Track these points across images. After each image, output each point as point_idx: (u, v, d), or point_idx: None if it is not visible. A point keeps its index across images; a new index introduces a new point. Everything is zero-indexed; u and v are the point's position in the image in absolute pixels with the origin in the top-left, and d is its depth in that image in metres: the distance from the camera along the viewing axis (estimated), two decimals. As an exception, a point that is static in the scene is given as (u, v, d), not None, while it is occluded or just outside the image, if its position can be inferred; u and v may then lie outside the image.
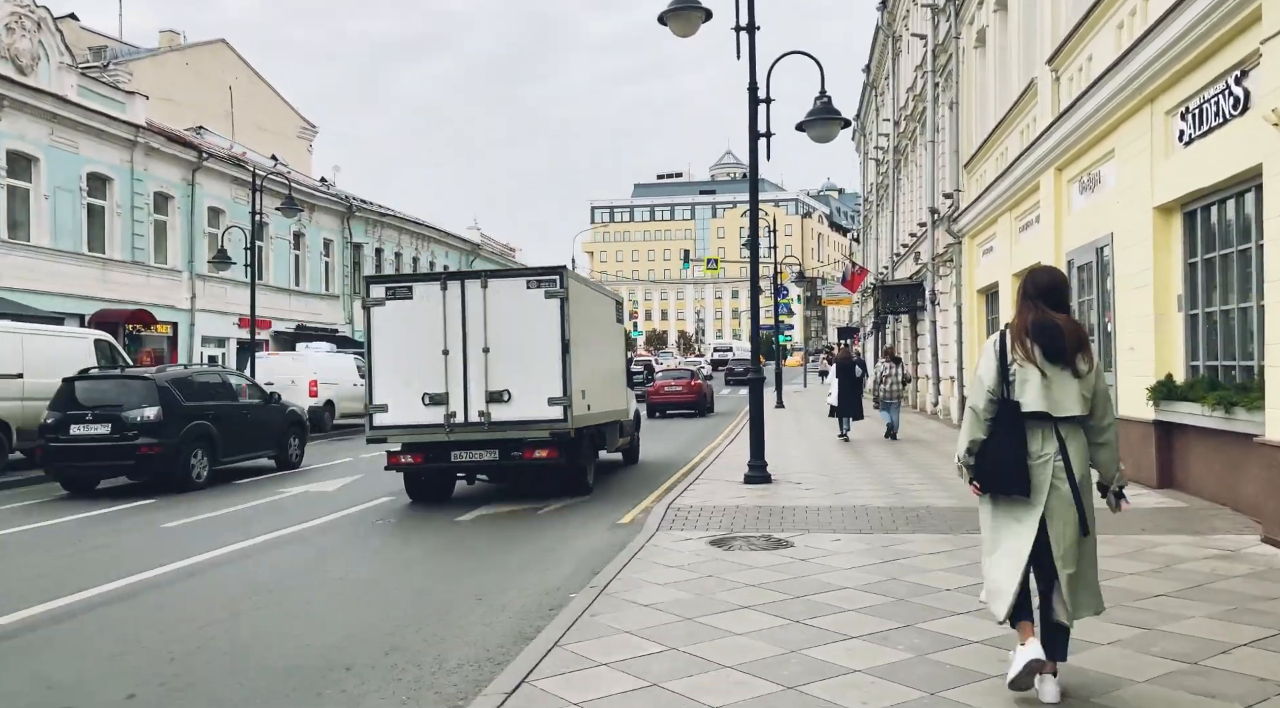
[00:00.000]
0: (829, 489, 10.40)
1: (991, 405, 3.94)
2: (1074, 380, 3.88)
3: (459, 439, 10.34)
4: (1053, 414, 3.88)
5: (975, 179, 19.04)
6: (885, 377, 17.66)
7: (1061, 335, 3.88)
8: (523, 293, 10.39)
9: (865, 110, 44.35)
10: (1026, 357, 3.89)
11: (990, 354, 3.99)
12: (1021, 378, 3.90)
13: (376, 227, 40.72)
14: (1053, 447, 3.89)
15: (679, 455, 15.91)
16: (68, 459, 12.59)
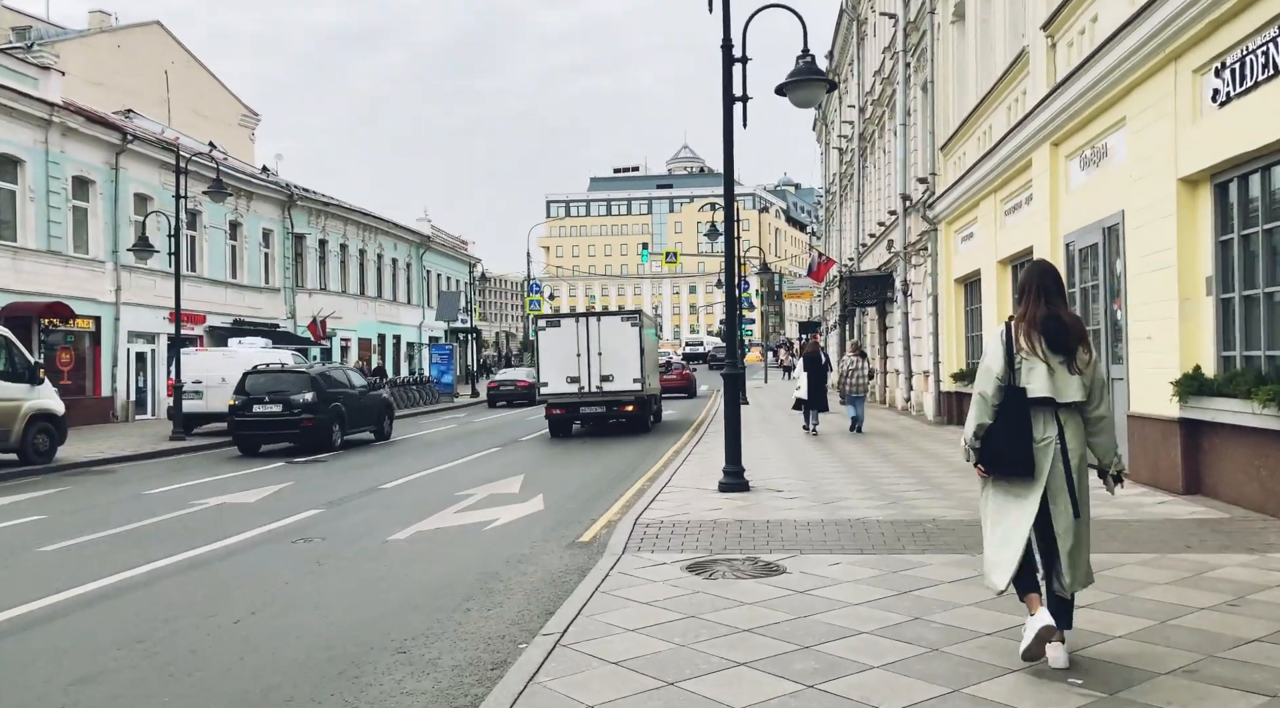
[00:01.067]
0: (816, 498, 9.22)
1: (1000, 392, 4.22)
2: (1074, 370, 4.19)
3: (584, 401, 19.39)
4: (1057, 400, 4.16)
5: (953, 162, 18.05)
6: (851, 370, 17.60)
7: (1066, 329, 4.19)
8: (618, 323, 19.60)
9: (827, 99, 43.44)
10: (1032, 349, 4.17)
11: (998, 344, 4.26)
12: (1027, 367, 4.18)
13: (320, 217, 38.88)
14: (1054, 431, 4.18)
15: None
16: (251, 430, 17.92)
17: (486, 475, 13.05)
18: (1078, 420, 4.25)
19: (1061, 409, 4.20)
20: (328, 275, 39.74)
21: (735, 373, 9.86)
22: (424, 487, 12.19)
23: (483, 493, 11.23)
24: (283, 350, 24.08)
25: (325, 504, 10.76)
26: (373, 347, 43.60)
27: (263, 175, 35.38)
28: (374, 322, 43.68)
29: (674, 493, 9.84)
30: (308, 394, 17.65)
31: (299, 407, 17.51)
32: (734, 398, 9.81)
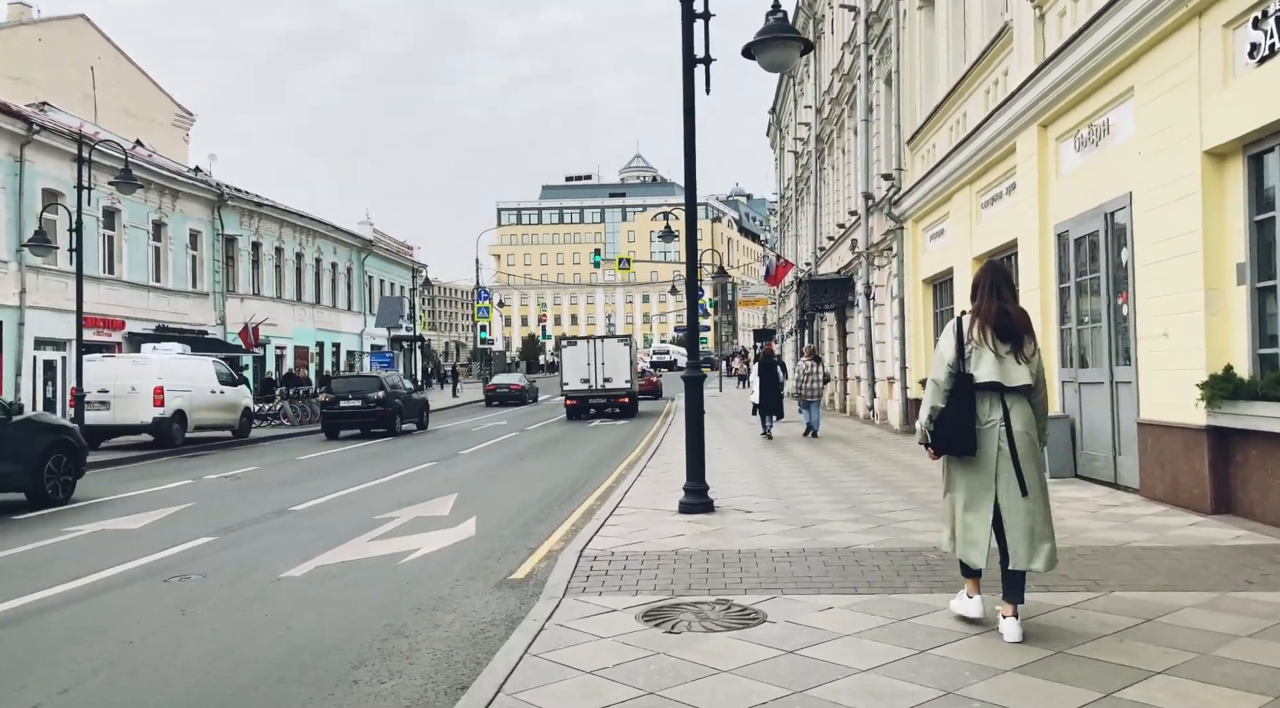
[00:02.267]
0: (791, 520, 7.96)
1: (951, 378, 4.59)
2: (1021, 358, 4.56)
3: (593, 394, 28.71)
4: (1005, 385, 4.53)
5: (920, 156, 17.05)
6: (806, 375, 17.80)
7: (1013, 321, 4.57)
8: (616, 343, 29.69)
9: (781, 103, 42.64)
10: (983, 339, 4.54)
11: (950, 335, 4.65)
12: (976, 356, 4.56)
13: (253, 218, 36.89)
14: (998, 414, 4.54)
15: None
16: (338, 420, 23.53)
17: (413, 495, 11.59)
18: (1024, 404, 4.57)
19: (1008, 394, 4.54)
20: (261, 280, 37.74)
21: (696, 375, 8.57)
22: (339, 509, 10.70)
23: (407, 516, 9.78)
24: (203, 358, 22.24)
25: (220, 530, 9.23)
26: (310, 355, 41.60)
27: (189, 172, 33.34)
28: (311, 329, 41.69)
29: (628, 515, 8.50)
30: (379, 393, 23.33)
31: (372, 402, 23.18)
32: (696, 404, 8.52)
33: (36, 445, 11.27)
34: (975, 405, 4.54)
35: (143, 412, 19.06)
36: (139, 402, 19.03)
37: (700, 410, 8.51)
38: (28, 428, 11.33)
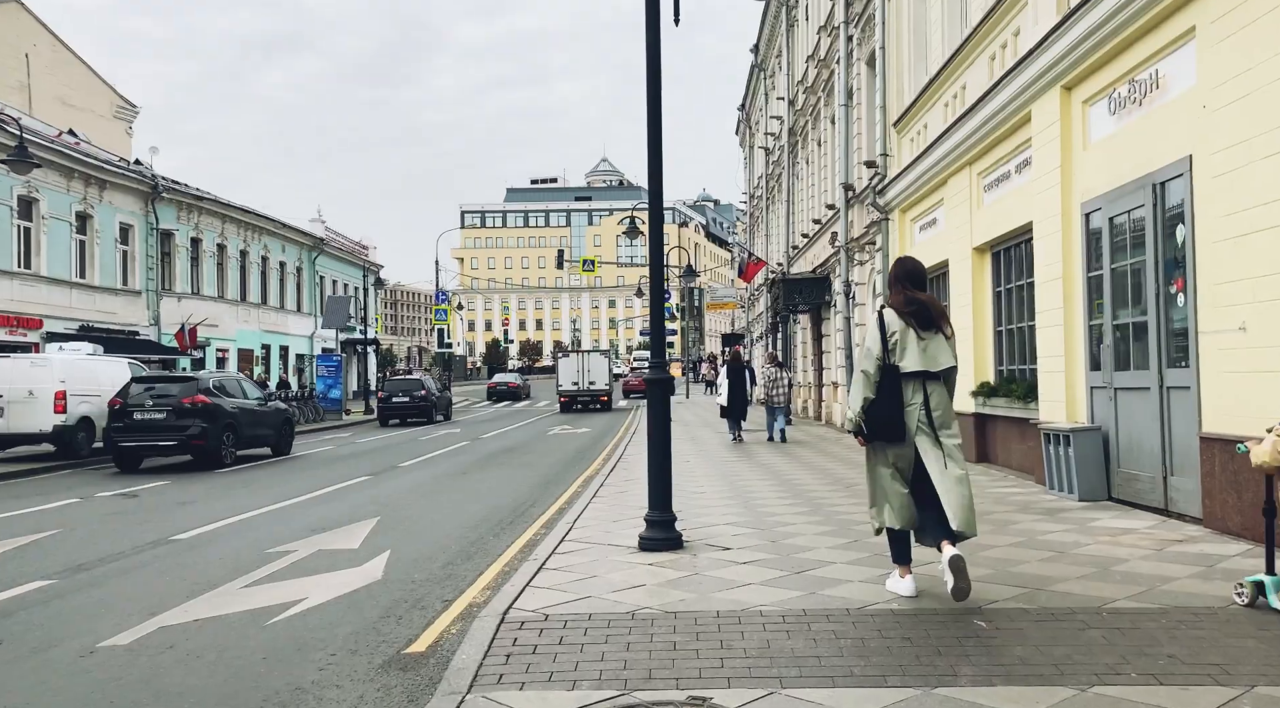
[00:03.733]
0: (778, 559, 6.29)
1: (879, 370, 4.89)
2: (944, 342, 4.87)
3: (580, 393, 37.26)
4: (930, 371, 4.84)
5: (909, 139, 15.54)
6: (772, 382, 17.82)
7: (928, 308, 4.92)
8: (598, 356, 38.66)
9: (751, 98, 41.24)
10: (907, 327, 4.82)
11: (875, 330, 4.92)
12: (901, 346, 4.83)
13: (193, 212, 34.67)
14: (920, 398, 4.86)
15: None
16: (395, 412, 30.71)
17: (328, 519, 9.78)
18: (941, 387, 4.94)
19: (929, 379, 4.87)
20: (201, 278, 35.51)
21: (662, 377, 6.86)
22: (232, 537, 8.86)
23: (306, 549, 7.97)
24: (117, 360, 20.14)
25: (67, 570, 7.37)
26: (255, 358, 39.38)
27: (121, 163, 31.08)
28: (256, 331, 39.48)
29: (575, 552, 6.78)
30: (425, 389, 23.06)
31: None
32: (662, 413, 6.80)
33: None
34: (902, 393, 4.85)
35: (42, 419, 16.99)
36: (38, 408, 16.96)
37: (666, 422, 6.81)
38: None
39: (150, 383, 16.91)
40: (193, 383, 16.67)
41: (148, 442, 15.89)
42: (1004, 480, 10.60)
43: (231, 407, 16.97)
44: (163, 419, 15.84)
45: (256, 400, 18.53)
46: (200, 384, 16.64)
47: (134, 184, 30.89)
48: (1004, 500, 8.92)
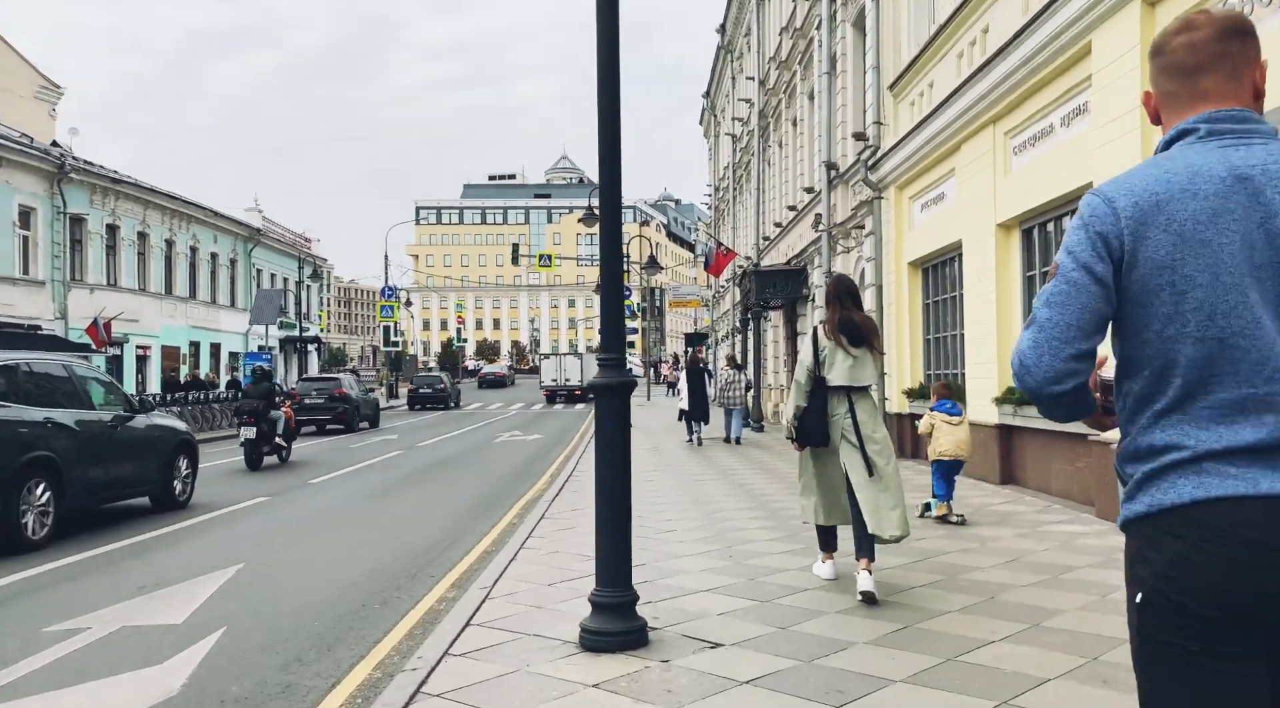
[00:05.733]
0: (801, 668, 4.01)
1: (810, 380, 5.33)
2: (870, 359, 5.31)
3: (560, 388, 46.24)
4: (854, 385, 5.26)
5: (908, 104, 13.41)
6: (729, 383, 17.85)
7: (858, 327, 5.28)
8: (574, 357, 50.09)
9: (717, 84, 39.11)
10: (837, 344, 5.23)
11: (809, 345, 5.36)
12: (830, 360, 5.25)
13: (109, 197, 31.64)
14: (844, 408, 5.26)
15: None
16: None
17: (175, 568, 7.31)
18: (867, 399, 5.33)
19: (854, 392, 5.26)
20: (119, 269, 32.49)
21: (619, 382, 4.51)
22: (25, 601, 6.37)
23: (110, 625, 5.51)
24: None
25: None
26: (182, 356, 36.39)
27: (19, 139, 27.99)
28: (184, 326, 36.48)
29: (482, 653, 4.44)
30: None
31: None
32: (615, 440, 4.47)
33: None
34: (828, 402, 5.29)
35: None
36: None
37: (624, 450, 4.47)
38: None
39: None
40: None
41: None
42: (1048, 510, 8.46)
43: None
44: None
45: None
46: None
47: (36, 163, 27.84)
48: (1071, 545, 6.76)
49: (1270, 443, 1.52)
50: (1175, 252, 1.57)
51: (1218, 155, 1.61)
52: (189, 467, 11.04)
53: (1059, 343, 1.59)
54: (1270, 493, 1.51)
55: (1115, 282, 1.61)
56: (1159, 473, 1.58)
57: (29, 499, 8.13)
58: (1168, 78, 1.72)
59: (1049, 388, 1.61)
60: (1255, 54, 1.70)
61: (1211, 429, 1.55)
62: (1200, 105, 1.67)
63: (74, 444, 8.85)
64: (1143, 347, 1.61)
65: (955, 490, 8.13)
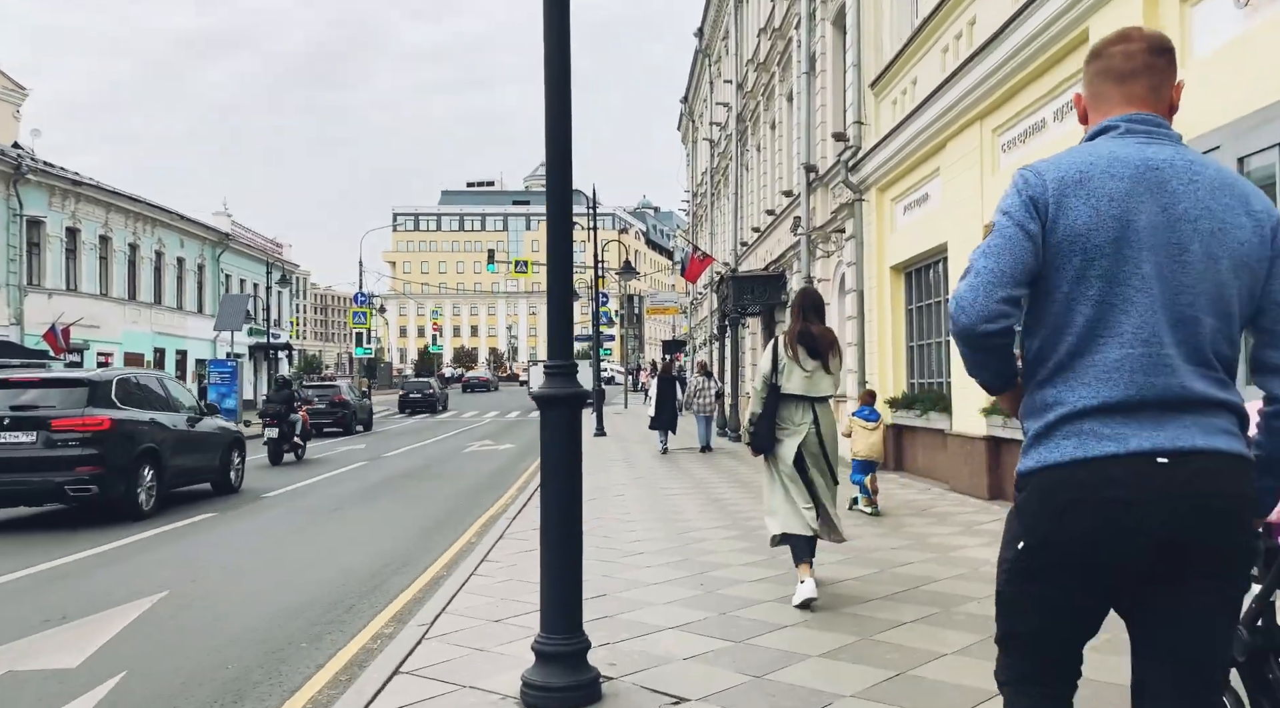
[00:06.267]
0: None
1: (765, 388, 5.39)
2: (827, 373, 5.41)
3: None
4: (811, 395, 5.37)
5: (890, 102, 12.91)
6: (699, 391, 17.88)
7: (816, 340, 5.37)
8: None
9: (695, 89, 38.67)
10: (794, 357, 5.33)
11: (768, 354, 5.45)
12: (788, 371, 5.35)
13: (69, 199, 30.71)
14: (809, 418, 5.36)
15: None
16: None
17: (81, 599, 6.62)
18: (828, 408, 5.54)
19: (816, 402, 5.39)
20: (79, 273, 31.54)
21: (569, 393, 3.88)
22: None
23: (0, 666, 4.85)
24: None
25: None
26: (147, 363, 35.38)
27: (-24, 138, 27.06)
28: (148, 333, 35.50)
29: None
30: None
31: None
32: (565, 460, 3.83)
33: None
34: (784, 412, 5.37)
35: None
36: None
37: (572, 478, 3.83)
38: None
39: None
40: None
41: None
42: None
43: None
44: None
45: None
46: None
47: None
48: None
49: (1137, 399, 1.70)
50: (1090, 222, 1.75)
51: (1135, 148, 1.81)
52: (240, 460, 13.47)
53: (993, 286, 1.75)
54: (1138, 450, 1.68)
55: (1042, 240, 1.78)
56: (1046, 432, 1.76)
57: (141, 480, 10.54)
58: (1103, 80, 1.92)
59: (982, 325, 1.76)
60: (1174, 72, 1.91)
61: (1091, 386, 1.72)
62: (1126, 108, 1.88)
63: (168, 439, 11.24)
64: (1049, 304, 1.78)
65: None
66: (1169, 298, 1.74)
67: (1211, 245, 1.75)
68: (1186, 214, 1.76)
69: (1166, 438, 1.68)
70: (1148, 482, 1.66)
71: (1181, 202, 1.76)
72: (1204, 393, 1.71)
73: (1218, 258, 1.76)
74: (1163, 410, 1.69)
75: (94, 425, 9.91)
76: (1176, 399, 1.70)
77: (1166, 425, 1.68)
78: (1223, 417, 1.72)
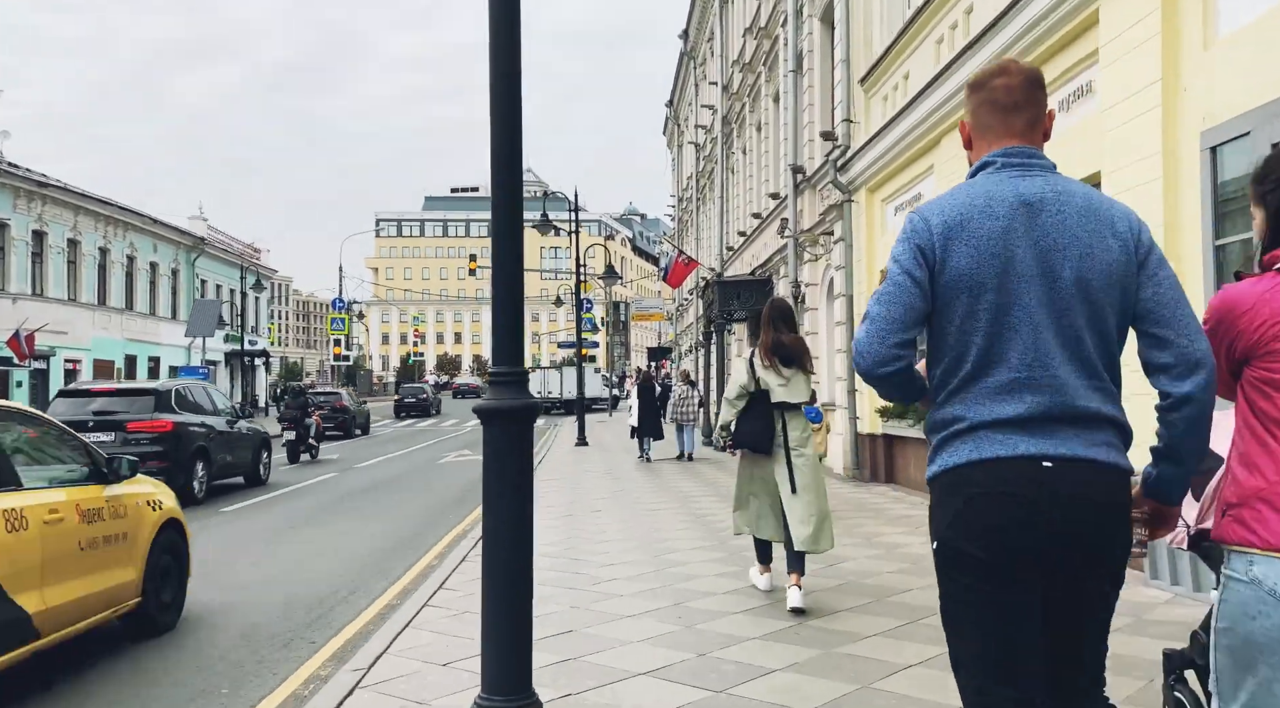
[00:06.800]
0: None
1: (742, 397, 5.65)
2: (803, 378, 5.63)
3: (554, 402, 46.30)
4: (789, 402, 5.56)
5: (881, 98, 12.38)
6: (681, 399, 17.94)
7: (789, 349, 5.59)
8: (555, 370, 52.22)
9: (681, 92, 38.18)
10: (770, 365, 5.56)
11: (744, 365, 5.72)
12: (764, 380, 5.55)
13: (35, 201, 29.86)
14: (779, 426, 5.56)
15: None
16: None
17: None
18: (798, 416, 5.61)
19: (786, 409, 5.56)
20: (45, 278, 30.67)
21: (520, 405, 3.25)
22: None
23: None
24: None
25: None
26: (116, 371, 34.49)
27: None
28: (118, 339, 34.61)
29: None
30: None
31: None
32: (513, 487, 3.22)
33: None
34: (770, 415, 5.54)
35: None
36: None
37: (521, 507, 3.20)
38: None
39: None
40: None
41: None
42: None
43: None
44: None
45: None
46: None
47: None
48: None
49: (1026, 415, 1.90)
50: (973, 263, 1.94)
51: (1009, 184, 1.99)
52: (267, 456, 15.52)
53: (886, 333, 1.95)
54: (1025, 453, 1.88)
55: (930, 285, 1.96)
56: (947, 441, 1.96)
57: (196, 473, 12.62)
58: (987, 112, 2.09)
59: (879, 369, 1.97)
60: (1047, 102, 2.11)
61: (986, 405, 1.92)
62: (1007, 139, 2.06)
63: (215, 438, 13.44)
64: (945, 339, 1.98)
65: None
66: (1051, 322, 1.90)
67: (1083, 269, 1.90)
68: (1057, 244, 1.91)
69: (1051, 446, 1.85)
70: (1034, 481, 1.84)
71: (1052, 233, 1.92)
72: (1088, 409, 1.88)
73: (1090, 279, 1.91)
74: (1050, 423, 1.87)
75: (160, 427, 12.17)
76: (1062, 414, 1.87)
77: (1053, 436, 1.86)
78: (1106, 431, 1.90)
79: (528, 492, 3.23)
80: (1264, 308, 1.85)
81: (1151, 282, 1.93)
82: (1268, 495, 1.79)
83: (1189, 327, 1.90)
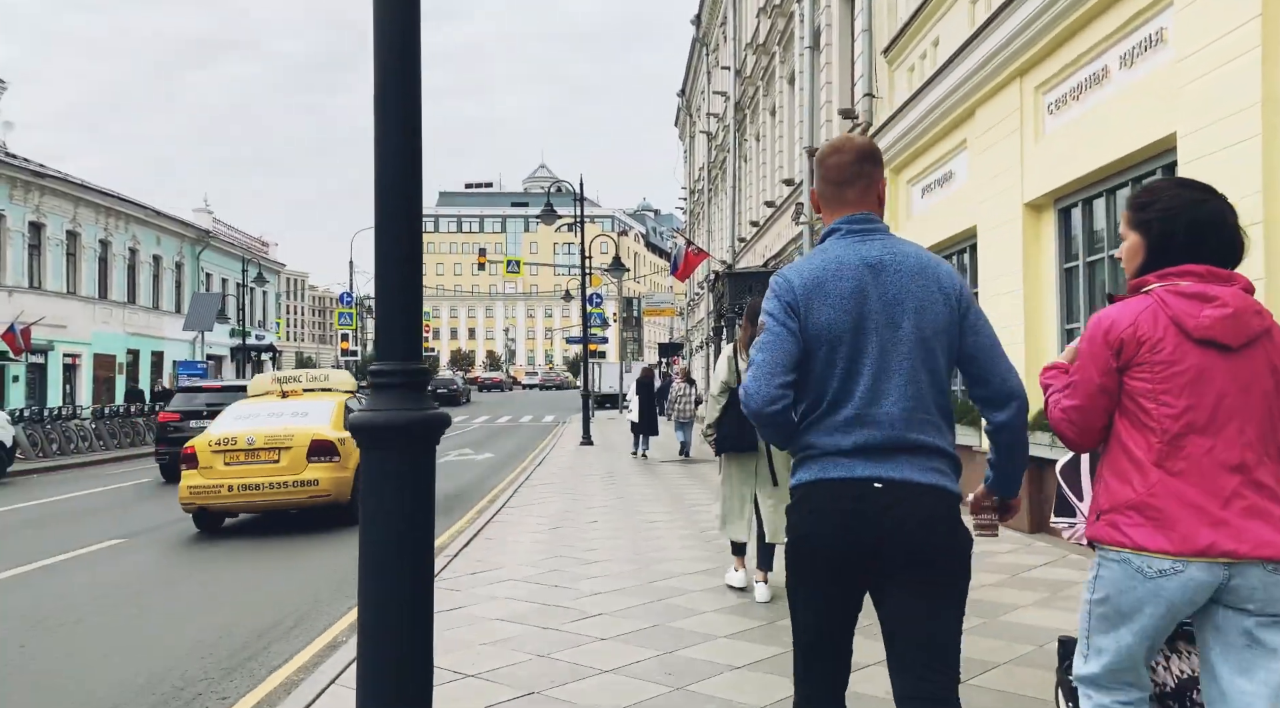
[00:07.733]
0: None
1: (725, 394, 5.77)
2: None
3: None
4: None
5: (908, 68, 11.31)
6: (680, 397, 17.87)
7: None
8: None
9: (693, 81, 37.14)
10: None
11: (725, 361, 5.81)
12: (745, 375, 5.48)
13: (33, 192, 29.17)
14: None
15: None
16: None
17: None
18: None
19: None
20: (44, 270, 30.01)
21: (417, 417, 2.31)
22: None
23: None
24: None
25: None
26: (118, 365, 33.84)
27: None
28: (119, 333, 33.94)
29: None
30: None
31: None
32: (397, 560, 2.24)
33: None
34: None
35: None
36: None
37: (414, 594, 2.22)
38: None
39: None
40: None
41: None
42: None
43: None
44: None
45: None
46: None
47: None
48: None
49: (863, 445, 2.22)
50: (831, 319, 2.26)
51: (853, 250, 2.31)
52: None
53: (770, 375, 2.25)
54: (860, 476, 2.21)
55: (801, 333, 2.27)
56: (803, 461, 2.30)
57: None
58: (825, 185, 2.44)
59: (766, 408, 2.25)
60: (880, 172, 2.43)
61: (832, 437, 2.24)
62: (844, 209, 2.40)
63: None
64: (811, 379, 2.28)
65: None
66: (891, 366, 2.24)
67: (918, 320, 2.25)
68: (896, 299, 2.25)
69: (884, 471, 2.19)
70: (865, 497, 2.18)
71: (891, 290, 2.25)
72: (919, 440, 2.22)
73: (923, 329, 2.26)
74: (884, 452, 2.20)
75: None
76: (894, 445, 2.21)
77: (886, 463, 2.19)
78: (936, 460, 2.24)
79: (427, 550, 2.25)
80: (1142, 325, 2.16)
81: (971, 332, 2.29)
82: (1136, 504, 2.14)
83: (1002, 367, 2.30)
